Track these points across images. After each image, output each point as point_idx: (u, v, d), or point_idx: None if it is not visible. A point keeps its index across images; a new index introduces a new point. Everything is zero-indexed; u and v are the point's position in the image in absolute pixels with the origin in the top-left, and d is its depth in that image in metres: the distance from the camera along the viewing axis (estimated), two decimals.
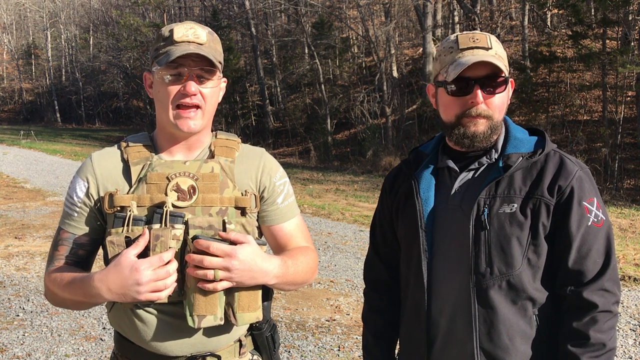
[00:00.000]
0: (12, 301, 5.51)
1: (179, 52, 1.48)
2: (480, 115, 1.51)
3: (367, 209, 10.43)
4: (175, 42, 1.51)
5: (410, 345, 1.68)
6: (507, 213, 1.49)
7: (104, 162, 1.60)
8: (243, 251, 1.44)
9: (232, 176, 1.59)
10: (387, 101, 21.44)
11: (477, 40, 1.51)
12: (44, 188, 13.00)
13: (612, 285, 1.47)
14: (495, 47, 1.52)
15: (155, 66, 1.54)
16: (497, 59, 1.50)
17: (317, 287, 5.89)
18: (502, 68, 1.50)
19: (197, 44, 1.51)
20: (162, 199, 1.52)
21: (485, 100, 1.51)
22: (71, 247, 1.60)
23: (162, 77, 1.52)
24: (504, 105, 1.55)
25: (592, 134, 16.59)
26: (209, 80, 1.54)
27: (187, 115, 1.52)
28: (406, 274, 1.68)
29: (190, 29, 1.53)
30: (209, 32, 1.56)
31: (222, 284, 1.44)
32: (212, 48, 1.55)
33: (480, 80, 1.50)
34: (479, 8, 22.25)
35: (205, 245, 1.41)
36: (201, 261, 1.41)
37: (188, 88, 1.50)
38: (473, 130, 1.52)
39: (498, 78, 1.50)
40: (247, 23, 28.62)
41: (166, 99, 1.53)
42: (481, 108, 1.51)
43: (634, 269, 6.32)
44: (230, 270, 1.42)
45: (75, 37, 48.38)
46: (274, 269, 1.50)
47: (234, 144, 1.66)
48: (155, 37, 1.60)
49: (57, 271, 1.56)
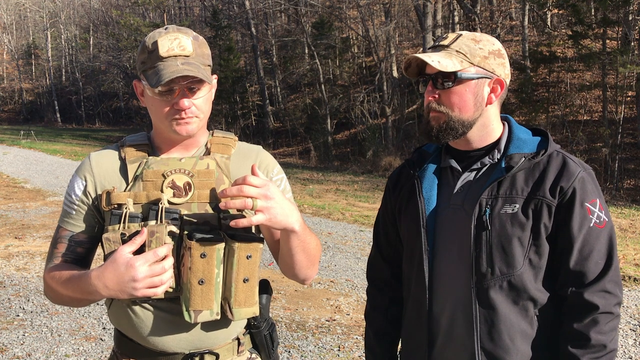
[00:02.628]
0: (12, 301, 5.51)
1: (167, 73, 1.45)
2: (432, 110, 1.55)
3: (367, 209, 10.43)
4: (161, 57, 1.48)
5: (411, 344, 1.69)
6: (509, 213, 1.49)
7: (102, 161, 1.61)
8: (274, 186, 1.41)
9: (228, 172, 1.60)
10: (387, 101, 21.45)
11: (443, 39, 1.56)
12: (44, 188, 13.00)
13: (614, 287, 1.47)
14: (460, 44, 1.53)
15: (143, 80, 1.53)
16: (445, 55, 1.50)
17: (317, 287, 5.89)
18: (436, 65, 1.48)
19: (183, 57, 1.49)
20: (158, 195, 1.52)
21: (440, 95, 1.54)
22: (69, 244, 1.61)
23: (152, 91, 1.51)
24: (465, 103, 1.53)
25: (592, 134, 16.60)
26: (200, 90, 1.53)
27: (184, 122, 1.53)
28: (408, 273, 1.68)
29: (175, 40, 1.50)
30: (193, 39, 1.53)
31: (257, 217, 1.38)
32: (200, 55, 1.53)
33: (432, 76, 1.54)
34: (479, 8, 22.25)
35: (241, 180, 1.36)
36: (240, 189, 1.35)
37: (181, 104, 1.49)
38: (430, 126, 1.56)
39: (445, 75, 1.52)
40: (247, 23, 28.64)
41: (161, 114, 1.53)
42: (432, 103, 1.55)
43: (634, 269, 6.32)
44: (269, 198, 1.37)
45: (75, 37, 48.40)
46: (299, 213, 1.47)
47: (230, 141, 1.66)
48: (140, 46, 1.57)
49: (56, 269, 1.57)
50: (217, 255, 1.47)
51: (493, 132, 1.60)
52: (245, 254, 1.48)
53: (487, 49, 1.54)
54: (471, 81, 1.52)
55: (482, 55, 1.53)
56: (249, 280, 1.51)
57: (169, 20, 31.50)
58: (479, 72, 1.53)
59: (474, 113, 1.54)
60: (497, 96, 1.57)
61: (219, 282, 1.49)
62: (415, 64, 1.58)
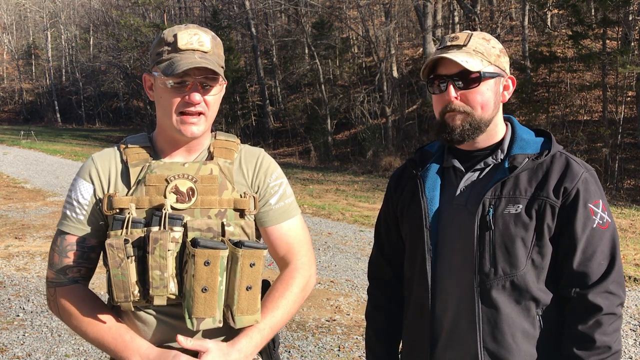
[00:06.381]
0: (12, 301, 5.51)
1: (185, 63, 1.45)
2: (454, 110, 1.53)
3: (367, 209, 10.43)
4: (179, 49, 1.48)
5: (413, 344, 1.68)
6: (512, 214, 1.49)
7: (104, 164, 1.59)
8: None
9: (231, 178, 1.58)
10: (387, 101, 21.45)
11: (455, 39, 1.55)
12: (44, 188, 13.00)
13: (617, 288, 1.47)
14: (475, 44, 1.53)
15: (157, 71, 1.51)
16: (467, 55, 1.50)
17: (317, 287, 5.89)
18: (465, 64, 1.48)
19: (202, 52, 1.49)
20: (161, 201, 1.51)
21: (463, 95, 1.53)
22: (82, 252, 1.57)
23: (164, 83, 1.50)
24: (487, 102, 1.54)
25: (593, 134, 16.60)
26: (212, 88, 1.52)
27: (190, 121, 1.51)
28: (410, 273, 1.68)
29: (195, 35, 1.50)
30: (212, 38, 1.54)
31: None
32: (216, 55, 1.53)
33: (453, 77, 1.52)
34: (479, 8, 22.27)
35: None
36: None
37: (192, 98, 1.48)
38: (452, 127, 1.54)
39: (471, 74, 1.51)
40: (247, 23, 28.65)
41: (170, 107, 1.51)
42: (456, 104, 1.52)
43: (634, 269, 6.33)
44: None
45: (75, 37, 48.40)
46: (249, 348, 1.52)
47: (233, 145, 1.64)
48: (156, 39, 1.56)
49: (76, 297, 1.56)
50: (221, 262, 1.46)
51: (497, 133, 1.60)
52: (249, 262, 1.47)
53: (498, 47, 1.57)
54: (491, 80, 1.54)
55: (495, 54, 1.55)
56: (252, 288, 1.49)
57: (169, 20, 31.47)
58: (496, 71, 1.55)
59: (492, 111, 1.56)
60: (509, 94, 1.60)
61: (222, 289, 1.48)
62: (428, 64, 1.57)
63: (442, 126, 1.56)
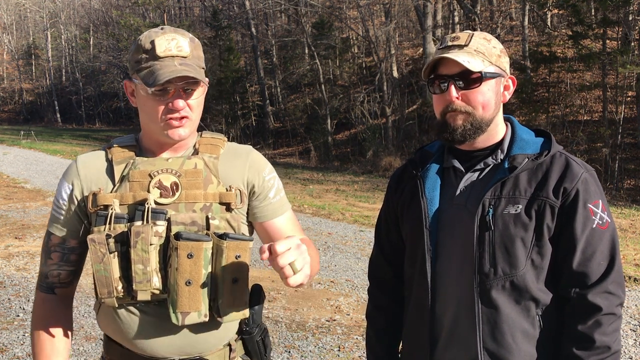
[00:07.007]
0: (12, 301, 5.51)
1: (165, 72, 1.43)
2: (455, 110, 1.53)
3: (367, 209, 10.43)
4: (158, 57, 1.46)
5: (413, 344, 1.68)
6: (512, 214, 1.49)
7: (88, 163, 1.59)
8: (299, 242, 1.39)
9: (216, 172, 1.57)
10: (387, 101, 21.45)
11: (457, 39, 1.55)
12: (44, 188, 13.00)
13: (617, 288, 1.47)
14: (476, 44, 1.53)
15: (137, 78, 1.50)
16: (468, 55, 1.50)
17: (317, 287, 5.89)
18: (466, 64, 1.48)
19: (181, 58, 1.48)
20: (144, 196, 1.51)
21: (464, 95, 1.53)
22: (63, 253, 1.60)
23: (145, 90, 1.48)
24: (488, 102, 1.54)
25: (593, 134, 16.60)
26: (194, 91, 1.51)
27: (176, 124, 1.50)
28: (410, 273, 1.68)
29: (173, 41, 1.48)
30: (190, 40, 1.52)
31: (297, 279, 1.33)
32: (196, 57, 1.52)
33: (454, 76, 1.52)
34: (479, 8, 22.27)
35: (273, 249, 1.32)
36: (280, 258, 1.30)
37: (176, 105, 1.47)
38: (453, 127, 1.54)
39: (472, 74, 1.51)
40: (247, 23, 28.65)
41: (154, 114, 1.50)
42: (457, 104, 1.52)
43: (634, 269, 6.33)
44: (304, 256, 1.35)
45: (75, 37, 48.40)
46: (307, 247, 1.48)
47: (219, 141, 1.64)
48: (133, 46, 1.54)
49: (43, 309, 1.62)
50: (205, 255, 1.45)
51: (497, 133, 1.61)
52: (234, 254, 1.46)
53: (499, 47, 1.57)
54: (492, 80, 1.54)
55: (496, 54, 1.55)
56: (239, 281, 1.49)
57: (169, 20, 31.51)
58: (497, 71, 1.55)
59: (493, 111, 1.56)
60: (510, 94, 1.60)
61: (207, 282, 1.47)
62: (429, 64, 1.58)
63: (443, 126, 1.56)
